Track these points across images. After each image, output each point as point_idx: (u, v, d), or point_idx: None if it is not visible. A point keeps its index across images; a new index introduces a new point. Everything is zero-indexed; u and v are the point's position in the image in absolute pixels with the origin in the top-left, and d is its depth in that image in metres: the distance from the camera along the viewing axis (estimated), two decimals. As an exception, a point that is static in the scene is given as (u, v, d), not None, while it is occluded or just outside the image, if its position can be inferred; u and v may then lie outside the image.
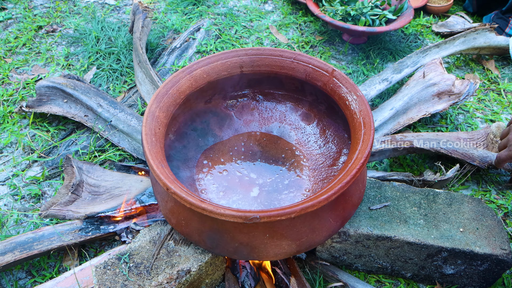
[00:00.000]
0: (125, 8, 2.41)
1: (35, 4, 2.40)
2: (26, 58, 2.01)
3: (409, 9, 2.08)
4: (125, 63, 1.94)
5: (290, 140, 1.42)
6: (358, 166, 0.97)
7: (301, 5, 2.44)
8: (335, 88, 1.21)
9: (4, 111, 1.71)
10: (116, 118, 1.58)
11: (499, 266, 1.13)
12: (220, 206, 0.92)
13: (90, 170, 1.40)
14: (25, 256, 1.18)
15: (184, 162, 1.32)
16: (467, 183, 1.50)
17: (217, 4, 2.43)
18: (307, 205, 0.91)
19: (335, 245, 1.19)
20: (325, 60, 2.06)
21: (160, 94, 1.17)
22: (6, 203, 1.42)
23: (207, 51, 2.07)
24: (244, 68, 1.31)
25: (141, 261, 1.09)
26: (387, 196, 1.24)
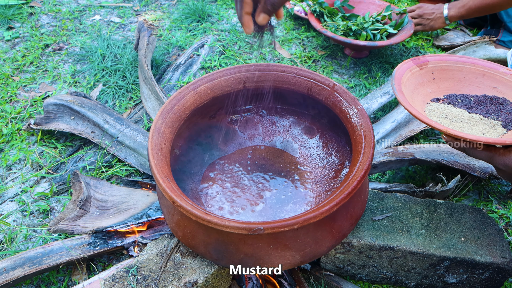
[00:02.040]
0: (130, 26, 2.45)
1: (41, 23, 2.44)
2: (33, 76, 2.04)
3: (409, 23, 2.11)
4: (131, 79, 1.97)
5: (293, 153, 1.44)
6: (359, 178, 1.00)
7: (303, 20, 2.48)
8: (336, 102, 1.24)
9: (13, 129, 1.74)
10: (123, 134, 1.61)
11: (501, 274, 1.15)
12: (225, 218, 0.94)
13: (98, 186, 1.42)
14: (34, 271, 1.20)
15: (190, 176, 1.35)
16: (468, 194, 1.52)
17: (220, 21, 2.47)
18: (310, 216, 0.93)
19: (339, 256, 1.21)
20: (328, 74, 2.09)
21: (165, 110, 1.19)
22: (15, 219, 1.45)
23: (211, 67, 2.10)
24: (247, 83, 1.34)
25: (148, 274, 1.11)
26: (389, 207, 1.26)
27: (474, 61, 1.22)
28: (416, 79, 1.17)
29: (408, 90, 1.12)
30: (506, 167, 0.92)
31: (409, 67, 1.18)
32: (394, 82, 1.10)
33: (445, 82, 1.21)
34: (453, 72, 1.22)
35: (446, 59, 1.23)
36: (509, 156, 0.91)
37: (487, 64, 1.21)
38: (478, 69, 1.21)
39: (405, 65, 1.18)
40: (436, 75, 1.21)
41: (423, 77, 1.19)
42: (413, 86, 1.15)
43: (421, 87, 1.17)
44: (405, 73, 1.16)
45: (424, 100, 1.15)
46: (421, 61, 1.21)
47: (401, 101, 1.03)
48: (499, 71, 1.19)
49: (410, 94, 1.11)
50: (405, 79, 1.14)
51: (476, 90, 1.19)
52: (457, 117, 1.08)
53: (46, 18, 2.49)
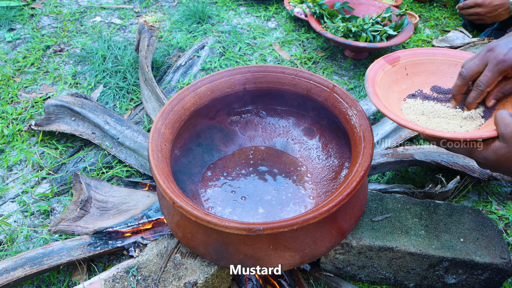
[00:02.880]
0: (131, 27, 2.46)
1: (42, 24, 2.45)
2: (34, 77, 2.05)
3: (409, 25, 2.11)
4: (131, 81, 1.98)
5: (293, 154, 1.45)
6: (358, 179, 1.00)
7: (304, 22, 2.49)
8: (336, 103, 1.25)
9: (13, 130, 1.74)
10: (123, 135, 1.61)
11: (500, 275, 1.15)
12: (224, 219, 0.95)
13: (98, 186, 1.43)
14: (35, 271, 1.20)
15: (190, 177, 1.35)
16: (468, 195, 1.52)
17: (221, 22, 2.48)
18: (309, 217, 0.93)
19: (338, 257, 1.21)
20: (328, 75, 2.09)
21: (166, 111, 1.20)
22: (16, 220, 1.45)
23: (211, 68, 2.10)
24: (247, 85, 1.35)
25: (148, 274, 1.11)
26: (389, 208, 1.26)
27: (445, 51, 1.21)
28: (389, 77, 1.16)
29: (382, 90, 1.11)
30: (485, 160, 0.93)
31: (381, 66, 1.16)
32: (368, 84, 1.09)
33: (418, 76, 1.19)
34: (425, 65, 1.21)
35: (417, 53, 1.22)
36: (487, 149, 0.92)
37: (458, 54, 1.20)
38: (450, 59, 1.20)
39: (377, 65, 1.16)
40: (409, 70, 1.20)
41: (397, 74, 1.18)
42: (387, 84, 1.14)
43: (395, 85, 1.16)
44: (378, 73, 1.14)
45: (399, 97, 1.14)
46: (392, 58, 1.19)
47: (376, 104, 1.02)
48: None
49: (385, 94, 1.10)
50: (379, 79, 1.13)
51: (450, 81, 1.17)
52: (433, 112, 1.07)
53: (47, 19, 2.50)
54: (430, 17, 2.63)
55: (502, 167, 0.92)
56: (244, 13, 2.61)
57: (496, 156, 0.90)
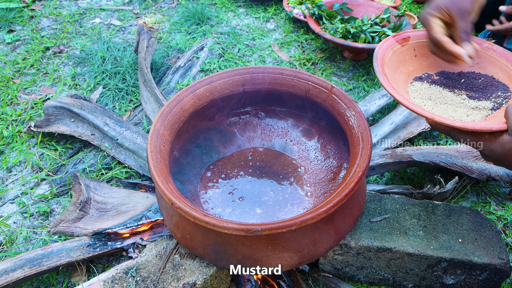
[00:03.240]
0: (130, 29, 2.46)
1: (42, 26, 2.45)
2: (34, 78, 2.05)
3: (408, 26, 2.12)
4: (131, 82, 1.98)
5: (292, 155, 1.45)
6: (356, 180, 1.00)
7: (302, 23, 2.49)
8: (334, 104, 1.25)
9: (13, 131, 1.75)
10: (122, 136, 1.61)
11: (498, 275, 1.15)
12: (223, 219, 0.95)
13: (98, 188, 1.43)
14: (34, 272, 1.20)
15: (189, 178, 1.35)
16: (467, 195, 1.53)
17: (220, 24, 2.48)
18: (307, 218, 0.93)
19: (337, 257, 1.21)
20: (327, 76, 2.09)
21: (165, 112, 1.20)
22: (16, 221, 1.45)
23: (210, 69, 2.11)
24: (246, 86, 1.35)
25: (147, 275, 1.12)
26: (387, 209, 1.26)
27: None
28: (397, 57, 1.15)
29: (390, 70, 1.10)
30: (492, 152, 0.92)
31: (390, 45, 1.15)
32: (377, 63, 1.08)
33: (427, 58, 1.18)
34: None
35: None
36: (494, 141, 0.91)
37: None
38: None
39: (387, 43, 1.15)
40: (418, 51, 1.18)
41: (405, 54, 1.17)
42: (395, 65, 1.13)
43: (402, 66, 1.15)
44: (387, 52, 1.13)
45: (406, 79, 1.13)
46: (402, 37, 1.18)
47: (385, 86, 1.02)
48: (481, 45, 1.17)
49: (392, 75, 1.09)
50: (387, 59, 1.12)
51: (458, 67, 1.17)
52: (440, 98, 1.05)
53: (47, 21, 2.51)
54: (429, 18, 2.63)
55: (507, 161, 0.91)
56: (243, 15, 2.62)
57: (503, 149, 0.90)
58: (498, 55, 1.14)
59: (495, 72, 1.13)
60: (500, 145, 0.90)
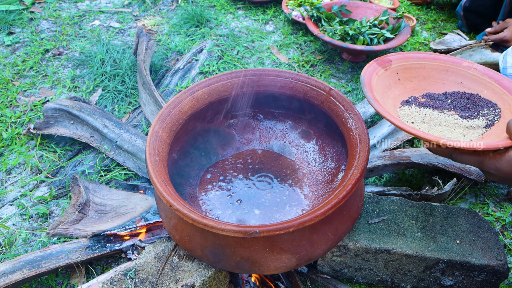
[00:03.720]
0: (130, 31, 2.46)
1: (41, 28, 2.46)
2: (33, 81, 2.06)
3: (406, 28, 2.12)
4: (130, 84, 1.99)
5: (290, 157, 1.45)
6: (353, 181, 1.01)
7: (301, 25, 2.49)
8: (332, 107, 1.25)
9: (12, 133, 1.75)
10: (121, 138, 1.62)
11: (496, 276, 1.16)
12: (221, 221, 0.95)
13: (97, 190, 1.44)
14: (33, 274, 1.21)
15: (187, 180, 1.36)
16: (465, 197, 1.53)
17: (219, 26, 2.48)
18: (305, 220, 0.94)
19: (335, 259, 1.22)
20: (325, 78, 2.10)
21: (163, 114, 1.21)
22: (15, 223, 1.46)
23: (209, 71, 2.11)
24: (245, 88, 1.35)
25: (146, 277, 1.12)
26: (385, 210, 1.27)
27: (436, 56, 1.20)
28: (383, 82, 1.14)
29: (378, 95, 1.08)
30: (498, 171, 0.89)
31: (374, 70, 1.14)
32: (366, 89, 1.06)
33: (410, 81, 1.18)
34: (416, 70, 1.19)
35: (408, 57, 1.20)
36: (500, 159, 0.88)
37: (449, 59, 1.19)
38: (440, 64, 1.19)
39: (370, 68, 1.14)
40: (401, 75, 1.18)
41: (389, 78, 1.16)
42: (382, 90, 1.12)
43: (389, 90, 1.14)
44: (372, 77, 1.12)
45: (394, 104, 1.12)
46: (384, 61, 1.17)
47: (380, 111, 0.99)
48: (461, 65, 1.17)
49: (381, 100, 1.07)
50: (374, 84, 1.11)
51: (442, 87, 1.17)
52: (433, 120, 1.04)
53: (46, 23, 2.51)
54: (427, 19, 2.64)
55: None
56: (242, 17, 2.62)
57: (510, 166, 0.87)
58: (480, 73, 1.14)
59: (480, 90, 1.13)
60: (507, 162, 0.87)
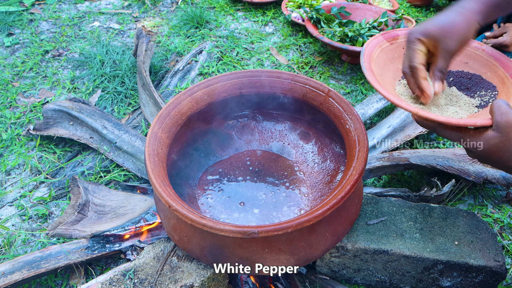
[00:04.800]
0: (129, 32, 2.47)
1: (41, 29, 2.46)
2: (33, 82, 2.06)
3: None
4: (129, 85, 1.99)
5: (289, 158, 1.45)
6: (352, 182, 1.01)
7: (301, 27, 2.50)
8: (331, 108, 1.26)
9: (12, 134, 1.75)
10: (121, 139, 1.62)
11: (494, 277, 1.16)
12: (219, 222, 0.96)
13: (96, 190, 1.44)
14: (32, 274, 1.21)
15: (186, 181, 1.36)
16: (463, 198, 1.53)
17: (218, 27, 2.49)
18: (303, 220, 0.94)
19: (334, 260, 1.22)
20: (325, 80, 2.10)
21: (162, 115, 1.21)
22: (14, 224, 1.46)
23: (209, 73, 2.12)
24: (244, 89, 1.36)
25: (145, 277, 1.12)
26: (384, 211, 1.27)
27: None
28: (386, 55, 1.14)
29: (378, 67, 1.09)
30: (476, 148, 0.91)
31: (379, 43, 1.14)
32: (364, 59, 1.06)
33: None
34: None
35: None
36: (479, 137, 0.90)
37: None
38: None
39: (375, 41, 1.14)
40: None
41: (394, 52, 1.15)
42: (383, 62, 1.12)
43: (391, 63, 1.14)
44: (375, 49, 1.12)
45: (394, 77, 1.12)
46: (391, 35, 1.16)
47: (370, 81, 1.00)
48: (470, 45, 1.16)
49: (380, 72, 1.08)
50: (375, 56, 1.11)
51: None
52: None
53: (46, 24, 2.51)
54: (426, 21, 2.64)
55: (492, 158, 0.91)
56: (242, 18, 2.63)
57: (488, 145, 0.89)
58: (487, 54, 1.14)
59: (484, 72, 1.13)
60: (485, 140, 0.89)
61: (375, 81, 1.01)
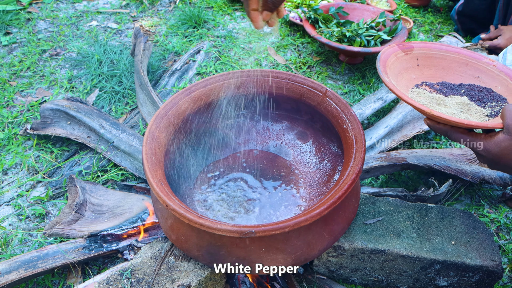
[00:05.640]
0: (127, 32, 2.47)
1: (39, 28, 2.46)
2: (30, 81, 2.06)
3: (403, 30, 2.13)
4: (127, 85, 1.99)
5: (287, 158, 1.46)
6: (349, 182, 1.01)
7: (299, 27, 2.50)
8: (329, 108, 1.26)
9: (9, 133, 1.75)
10: (118, 139, 1.62)
11: (490, 277, 1.16)
12: (217, 221, 0.96)
13: (93, 190, 1.44)
14: (29, 274, 1.21)
15: (184, 180, 1.36)
16: (460, 198, 1.54)
17: (216, 27, 2.49)
18: (300, 220, 0.94)
19: (331, 259, 1.22)
20: (322, 80, 2.10)
21: (160, 115, 1.21)
22: (11, 223, 1.46)
23: (207, 72, 2.12)
24: (241, 89, 1.36)
25: (142, 277, 1.12)
26: (381, 211, 1.27)
27: (459, 50, 1.24)
28: (400, 64, 1.19)
29: (392, 73, 1.13)
30: (487, 152, 0.93)
31: (394, 52, 1.19)
32: (380, 64, 1.11)
33: (429, 69, 1.22)
34: (437, 59, 1.23)
35: (431, 47, 1.24)
36: (490, 141, 0.92)
37: (471, 54, 1.23)
38: (462, 58, 1.23)
39: (391, 50, 1.19)
40: (421, 61, 1.22)
41: (408, 62, 1.20)
42: (397, 70, 1.17)
43: (405, 72, 1.18)
44: (390, 57, 1.17)
45: (407, 85, 1.16)
46: (406, 46, 1.22)
47: (386, 82, 1.05)
48: (482, 61, 1.21)
49: (394, 78, 1.12)
50: (390, 63, 1.15)
51: (459, 79, 1.21)
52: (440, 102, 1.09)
53: (44, 23, 2.51)
54: (424, 22, 2.65)
55: (502, 161, 0.92)
56: (239, 18, 2.63)
57: (499, 148, 0.90)
58: (498, 70, 1.19)
59: (494, 86, 1.17)
60: (496, 144, 0.90)
61: (390, 82, 1.05)
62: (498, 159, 0.92)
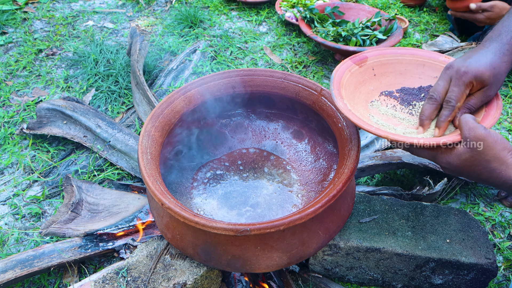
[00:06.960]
0: (123, 31, 2.47)
1: (35, 28, 2.46)
2: (26, 81, 2.06)
3: (398, 29, 2.14)
4: (123, 84, 1.99)
5: (282, 156, 1.46)
6: (344, 180, 1.01)
7: (295, 26, 2.50)
8: (324, 107, 1.26)
9: (5, 133, 1.75)
10: (115, 138, 1.62)
11: (485, 275, 1.17)
12: (212, 219, 0.96)
13: (89, 189, 1.44)
14: (25, 273, 1.21)
15: (179, 179, 1.36)
16: (456, 197, 1.54)
17: (212, 27, 2.49)
18: (295, 218, 0.95)
19: (326, 258, 1.22)
20: (318, 79, 2.11)
21: (156, 114, 1.21)
22: (7, 222, 1.46)
23: (203, 72, 2.12)
24: (237, 88, 1.36)
25: (138, 275, 1.12)
26: (376, 210, 1.28)
27: (414, 51, 1.21)
28: (356, 78, 1.15)
29: (348, 92, 1.10)
30: (449, 164, 0.93)
31: (348, 67, 1.15)
32: (333, 86, 1.07)
33: (386, 77, 1.19)
34: (393, 65, 1.20)
35: (385, 53, 1.21)
36: (450, 154, 0.92)
37: (426, 54, 1.20)
38: (418, 59, 1.19)
39: (344, 66, 1.15)
40: (377, 70, 1.19)
41: (364, 75, 1.17)
42: (353, 86, 1.13)
43: (362, 86, 1.15)
44: (344, 74, 1.13)
45: (366, 99, 1.13)
46: (359, 58, 1.18)
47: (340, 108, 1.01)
48: (438, 59, 1.18)
49: (351, 96, 1.09)
50: (345, 81, 1.12)
51: (418, 82, 1.18)
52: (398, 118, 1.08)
53: (40, 23, 2.51)
54: (420, 21, 2.66)
55: (465, 172, 0.93)
56: (235, 18, 2.63)
57: (460, 160, 0.91)
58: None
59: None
60: (456, 156, 0.91)
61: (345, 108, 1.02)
62: (461, 170, 0.93)
